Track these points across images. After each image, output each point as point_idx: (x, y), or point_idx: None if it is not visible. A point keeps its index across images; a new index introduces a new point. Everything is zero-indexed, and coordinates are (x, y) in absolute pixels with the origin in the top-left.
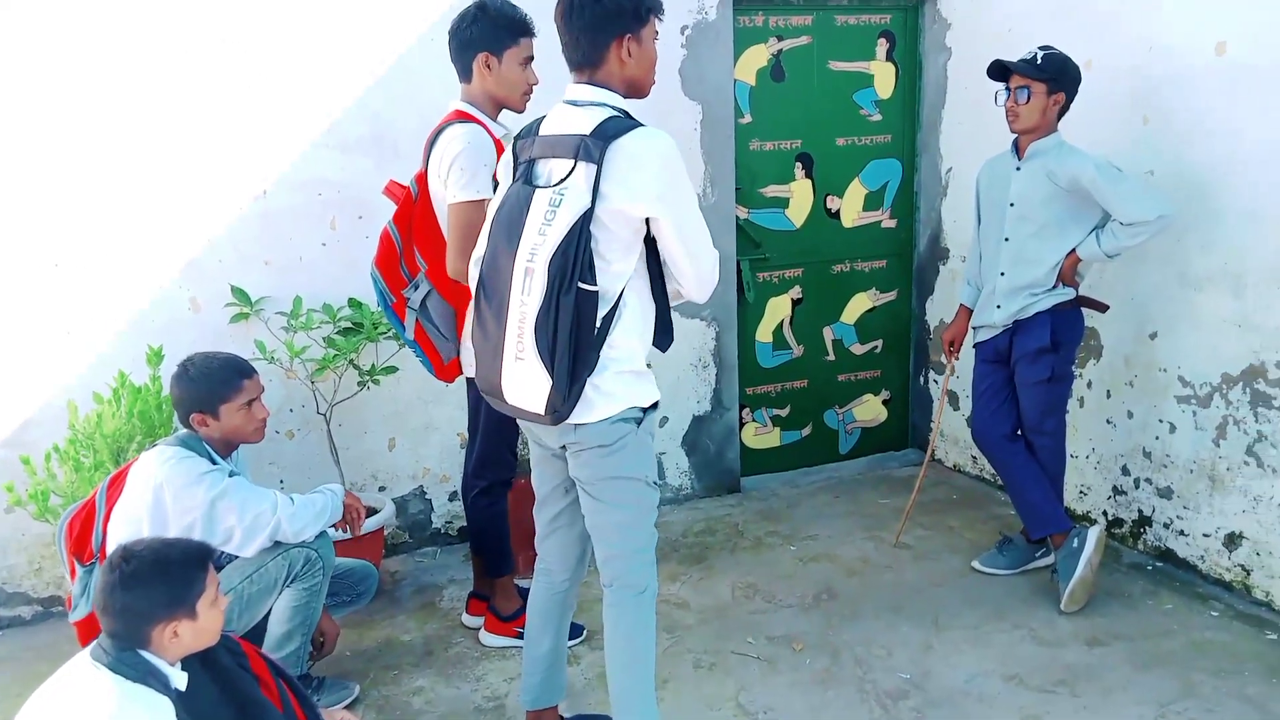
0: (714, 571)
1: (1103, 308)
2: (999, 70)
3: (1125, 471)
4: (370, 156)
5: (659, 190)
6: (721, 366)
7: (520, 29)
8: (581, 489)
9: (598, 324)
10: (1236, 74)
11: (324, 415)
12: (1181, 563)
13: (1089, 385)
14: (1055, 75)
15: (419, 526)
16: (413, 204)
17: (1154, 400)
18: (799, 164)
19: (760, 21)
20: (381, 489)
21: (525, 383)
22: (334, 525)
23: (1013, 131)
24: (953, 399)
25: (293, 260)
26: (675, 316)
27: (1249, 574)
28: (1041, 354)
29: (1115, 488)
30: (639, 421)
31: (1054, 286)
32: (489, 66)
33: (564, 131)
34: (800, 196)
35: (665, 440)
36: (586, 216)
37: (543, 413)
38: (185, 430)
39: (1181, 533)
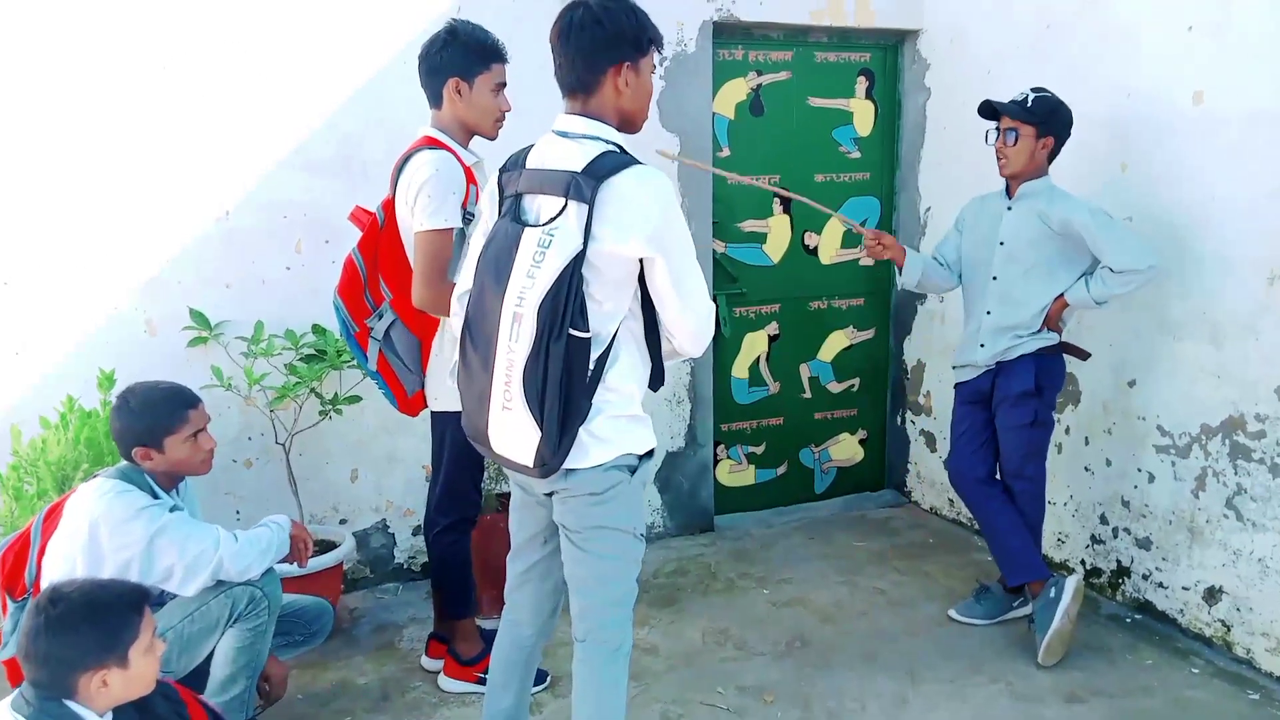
0: (685, 615)
1: (1084, 355)
2: (989, 110)
3: (1104, 520)
4: (338, 178)
5: (653, 232)
6: (696, 402)
7: (491, 54)
8: (565, 536)
9: (590, 369)
10: (1213, 124)
11: (283, 445)
12: (1161, 615)
13: (1067, 431)
14: (1044, 118)
15: (381, 561)
16: (379, 231)
17: (1132, 449)
18: (777, 199)
19: (740, 55)
20: (343, 521)
21: (513, 433)
22: (284, 559)
23: (1002, 173)
24: (930, 440)
25: (255, 283)
26: None
27: (1229, 630)
28: (1024, 397)
29: (1093, 536)
30: (633, 470)
31: (1039, 330)
32: (459, 92)
33: (554, 166)
34: (778, 232)
35: None
36: (578, 259)
37: (531, 465)
38: (125, 463)
39: (1161, 585)
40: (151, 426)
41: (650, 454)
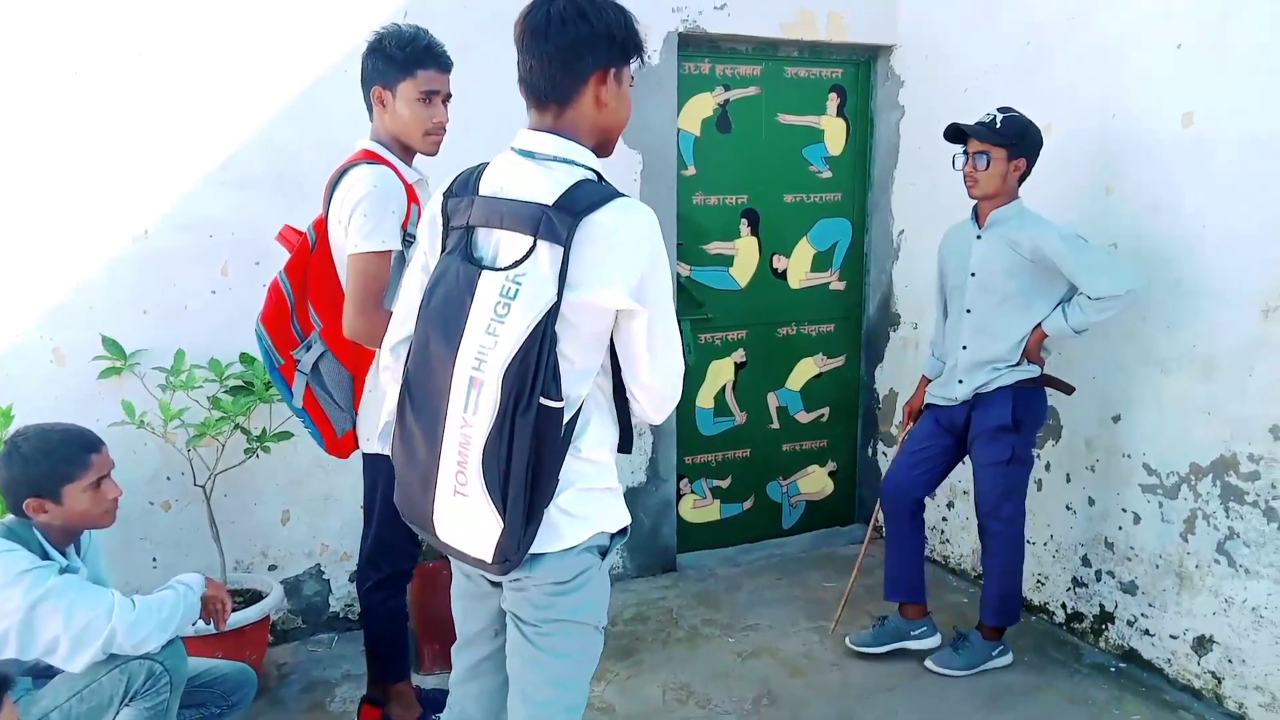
0: (644, 668)
1: (1069, 389)
2: (956, 133)
3: (1086, 562)
4: (270, 195)
5: (639, 281)
6: (659, 434)
7: (415, 59)
8: (515, 627)
9: (559, 443)
10: (1204, 147)
11: (203, 487)
12: (1147, 665)
13: (1047, 467)
14: (1015, 140)
15: (314, 610)
16: (309, 253)
17: (1117, 488)
18: (745, 220)
19: (706, 69)
20: (272, 568)
21: (467, 524)
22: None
23: (971, 197)
24: None
25: (176, 308)
26: None
27: (1220, 682)
28: (1002, 432)
29: (1075, 579)
30: (604, 552)
31: (1019, 363)
32: (382, 102)
33: (517, 195)
34: (745, 254)
35: None
36: (551, 313)
37: (490, 561)
38: (12, 517)
39: (1147, 632)
40: (47, 474)
41: (624, 532)
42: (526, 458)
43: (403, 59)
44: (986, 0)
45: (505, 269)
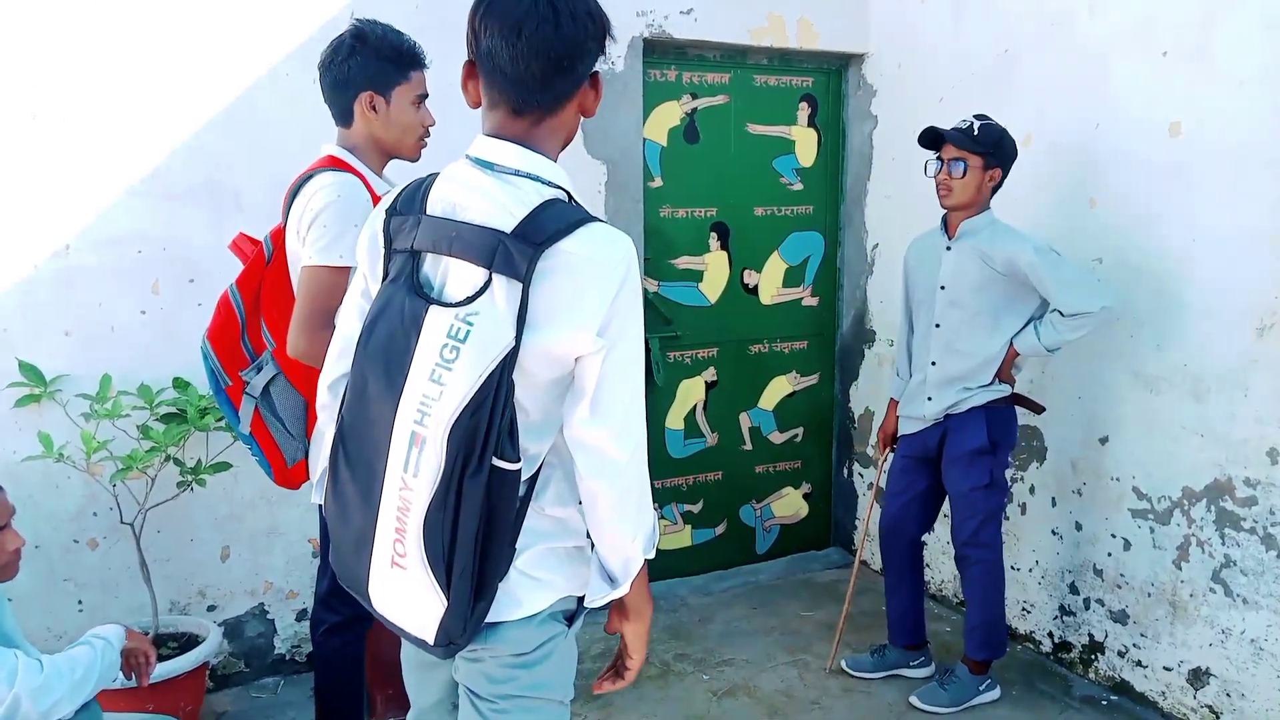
0: (614, 711)
1: (1039, 409)
2: (931, 139)
3: (1074, 590)
4: (204, 208)
5: (606, 319)
6: None
7: (410, 61)
8: (470, 702)
9: (518, 505)
10: (1192, 158)
11: (130, 524)
12: (1140, 697)
13: (1032, 491)
14: (992, 148)
15: (258, 653)
16: (264, 265)
17: (1105, 512)
18: (714, 234)
19: (673, 76)
20: (211, 608)
21: (405, 598)
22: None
23: (944, 206)
24: (879, 494)
25: (101, 330)
26: None
27: (1218, 717)
28: (978, 455)
29: (1063, 607)
30: (571, 618)
31: (991, 383)
32: (374, 109)
33: (471, 218)
34: (715, 269)
35: None
36: (508, 361)
37: (431, 643)
38: None
39: (1139, 663)
40: None
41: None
42: (475, 527)
43: (396, 60)
44: (961, 6)
45: (456, 305)
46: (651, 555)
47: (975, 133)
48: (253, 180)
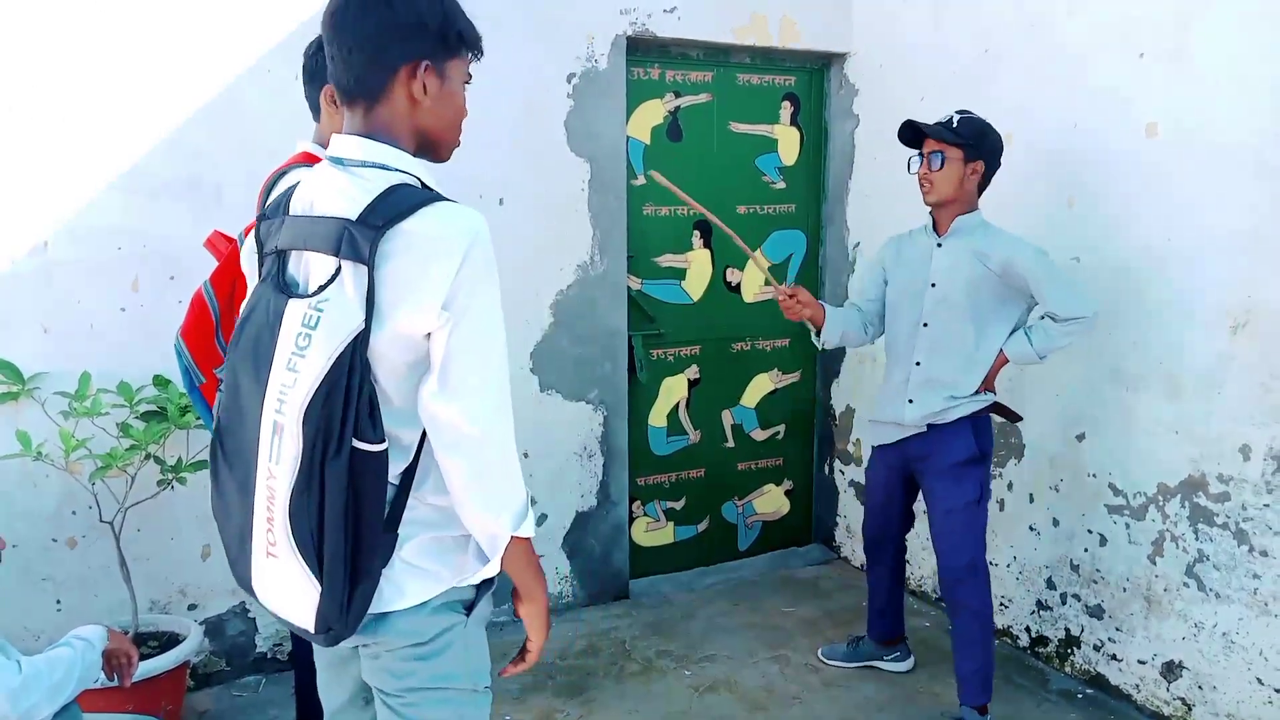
0: (596, 707)
1: (1016, 418)
2: (911, 134)
3: (1050, 585)
4: (185, 203)
5: (451, 292)
6: (610, 455)
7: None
8: (382, 702)
9: (394, 490)
10: (1169, 158)
11: (110, 522)
12: (1115, 690)
13: (1009, 487)
14: (973, 141)
15: (239, 652)
16: (238, 263)
17: (1082, 508)
18: (697, 232)
19: (656, 74)
20: (192, 607)
21: (282, 587)
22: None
23: (926, 203)
24: (859, 491)
25: (80, 327)
26: (555, 398)
27: (1190, 709)
28: (968, 466)
29: (1039, 601)
30: (469, 606)
31: (977, 391)
32: (335, 102)
33: (322, 211)
34: (698, 267)
35: (543, 542)
36: (359, 342)
37: (312, 630)
38: None
39: (1114, 657)
40: None
41: (491, 583)
42: (342, 511)
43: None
44: (942, 6)
45: (310, 296)
46: (528, 534)
47: (955, 125)
48: (234, 176)
